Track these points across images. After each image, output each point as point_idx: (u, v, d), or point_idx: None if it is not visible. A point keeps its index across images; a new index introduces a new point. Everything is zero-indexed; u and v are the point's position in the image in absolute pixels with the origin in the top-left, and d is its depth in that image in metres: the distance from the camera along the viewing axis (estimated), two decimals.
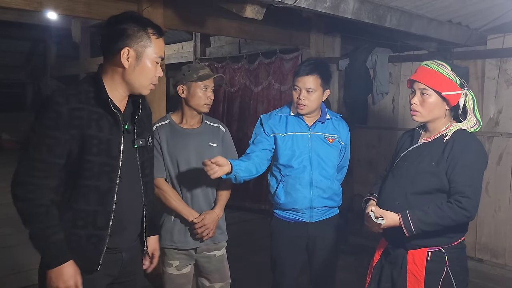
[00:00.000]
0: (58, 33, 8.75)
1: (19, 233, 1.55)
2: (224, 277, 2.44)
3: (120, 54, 1.58)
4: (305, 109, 2.36)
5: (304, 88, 2.33)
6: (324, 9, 2.58)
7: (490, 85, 3.87)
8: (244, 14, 2.54)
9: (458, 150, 1.84)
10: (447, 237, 1.89)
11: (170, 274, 2.34)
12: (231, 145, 2.45)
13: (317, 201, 2.40)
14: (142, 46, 1.60)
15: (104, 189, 1.60)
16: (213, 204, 2.36)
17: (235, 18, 3.73)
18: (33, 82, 12.04)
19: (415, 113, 1.94)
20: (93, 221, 1.59)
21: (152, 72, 1.65)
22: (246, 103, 5.76)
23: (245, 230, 2.36)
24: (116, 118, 1.62)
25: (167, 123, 2.34)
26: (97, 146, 1.57)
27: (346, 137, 2.52)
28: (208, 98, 2.31)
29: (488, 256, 3.93)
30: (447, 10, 3.22)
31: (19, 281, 3.54)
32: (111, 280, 1.72)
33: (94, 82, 1.63)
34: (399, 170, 2.01)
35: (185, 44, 6.87)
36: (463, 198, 1.77)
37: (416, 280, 1.89)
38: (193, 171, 2.28)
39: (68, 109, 1.52)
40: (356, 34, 4.61)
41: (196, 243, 2.32)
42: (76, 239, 1.58)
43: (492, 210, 3.87)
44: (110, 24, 1.62)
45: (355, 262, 3.86)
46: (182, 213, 2.27)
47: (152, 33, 1.62)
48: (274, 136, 2.43)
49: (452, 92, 1.87)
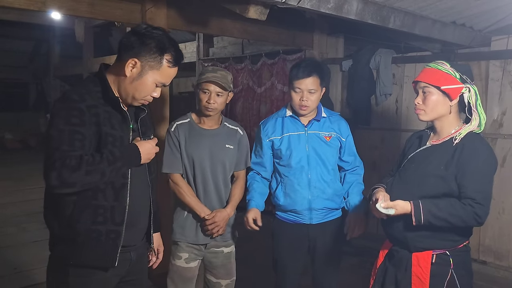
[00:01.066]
0: (62, 33, 8.78)
1: (21, 233, 1.55)
2: (230, 273, 2.49)
3: (126, 62, 1.59)
4: (307, 110, 2.38)
5: (306, 89, 2.34)
6: (327, 10, 2.57)
7: (494, 86, 3.86)
8: (248, 14, 2.54)
9: (468, 155, 1.82)
10: (452, 240, 1.88)
11: (179, 266, 2.39)
12: (247, 149, 2.51)
13: (316, 202, 2.39)
14: (151, 66, 1.61)
15: (118, 185, 1.63)
16: (226, 203, 2.41)
17: (238, 19, 3.73)
18: (36, 82, 12.08)
19: (420, 111, 1.95)
20: (112, 217, 1.62)
21: (148, 91, 1.65)
22: (249, 103, 5.76)
23: (248, 231, 2.37)
24: (124, 115, 1.65)
25: (187, 122, 2.41)
26: (112, 143, 1.60)
27: (346, 133, 2.48)
28: (207, 102, 2.31)
29: (492, 258, 3.91)
30: (451, 11, 3.21)
31: (21, 281, 3.55)
32: (119, 279, 1.75)
33: (99, 81, 1.65)
34: (406, 171, 1.99)
35: (188, 44, 6.88)
36: (476, 204, 1.76)
37: (421, 282, 1.88)
38: (206, 170, 2.35)
39: (86, 106, 1.54)
40: (359, 35, 4.60)
41: (206, 239, 2.39)
42: (96, 236, 1.60)
43: (496, 212, 3.85)
44: (138, 33, 1.61)
45: (358, 263, 3.85)
46: (194, 209, 2.33)
47: (167, 60, 1.62)
48: (271, 141, 2.46)
49: (451, 86, 1.87)
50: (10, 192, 1.41)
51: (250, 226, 2.37)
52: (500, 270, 3.85)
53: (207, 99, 2.31)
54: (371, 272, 2.16)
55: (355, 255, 3.93)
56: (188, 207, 2.36)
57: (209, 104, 2.30)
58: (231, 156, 2.40)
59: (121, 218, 1.64)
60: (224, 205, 2.40)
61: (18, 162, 8.53)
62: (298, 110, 2.39)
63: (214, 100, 2.31)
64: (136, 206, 1.70)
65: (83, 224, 1.58)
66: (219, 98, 2.33)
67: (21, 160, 8.95)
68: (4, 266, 3.83)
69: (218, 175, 2.37)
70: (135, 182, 1.68)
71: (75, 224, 1.57)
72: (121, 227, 1.64)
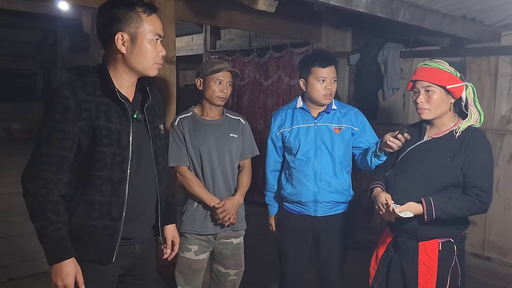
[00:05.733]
0: (69, 24, 8.77)
1: (29, 222, 1.56)
2: (239, 264, 2.51)
3: (115, 40, 1.56)
4: (331, 98, 2.42)
5: (330, 78, 2.37)
6: (337, 3, 2.56)
7: (503, 82, 3.82)
8: (257, 6, 2.52)
9: (474, 147, 1.91)
10: (456, 228, 1.98)
11: (188, 259, 2.41)
12: (251, 137, 2.56)
13: (322, 195, 2.39)
14: (134, 28, 1.56)
15: (116, 180, 1.59)
16: (234, 191, 2.44)
17: (246, 11, 3.71)
18: (44, 72, 12.13)
19: (424, 110, 1.98)
20: (108, 212, 1.59)
21: (152, 52, 1.60)
22: (256, 96, 5.75)
23: (253, 223, 2.39)
24: (124, 107, 1.60)
25: (190, 115, 2.45)
26: (108, 137, 1.56)
27: (358, 121, 2.45)
28: (221, 92, 2.38)
29: (497, 255, 3.90)
30: (461, 5, 3.18)
31: (28, 269, 3.59)
32: (123, 272, 1.72)
33: (99, 72, 1.62)
34: (409, 165, 2.02)
35: (195, 36, 6.87)
36: (482, 192, 1.86)
37: (429, 270, 1.95)
38: (214, 160, 2.38)
39: (75, 102, 1.51)
40: (367, 29, 4.57)
41: (216, 229, 2.41)
42: (91, 231, 1.58)
43: (502, 209, 3.83)
44: (101, 11, 1.60)
45: (363, 257, 3.85)
46: (204, 199, 2.36)
47: (141, 11, 1.57)
48: (281, 134, 2.49)
49: (455, 84, 1.94)
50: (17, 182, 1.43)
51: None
52: (504, 266, 3.83)
53: (221, 88, 2.38)
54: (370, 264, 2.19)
55: (359, 249, 3.93)
56: (197, 198, 2.38)
57: (223, 93, 2.38)
58: (236, 145, 2.44)
59: (118, 213, 1.60)
60: (232, 194, 2.43)
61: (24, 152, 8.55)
62: (322, 99, 2.38)
63: (227, 89, 2.40)
64: (139, 198, 1.66)
65: (78, 219, 1.56)
66: (230, 88, 2.43)
67: (28, 150, 8.89)
68: (11, 254, 3.88)
69: (226, 164, 2.40)
70: (137, 174, 1.64)
71: (70, 218, 1.56)
72: (118, 222, 1.60)
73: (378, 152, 2.18)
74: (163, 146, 1.82)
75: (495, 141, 3.86)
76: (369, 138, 2.44)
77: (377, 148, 2.18)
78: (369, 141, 2.41)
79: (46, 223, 1.49)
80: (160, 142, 1.77)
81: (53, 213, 1.50)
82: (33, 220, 1.52)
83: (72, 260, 1.54)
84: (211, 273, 2.56)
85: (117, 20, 1.55)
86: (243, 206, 2.51)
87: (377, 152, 2.18)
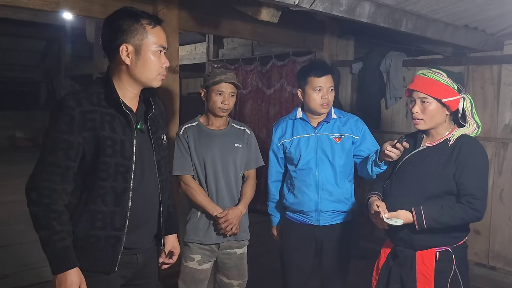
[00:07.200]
0: (73, 33, 8.85)
1: (32, 230, 1.56)
2: (242, 275, 2.51)
3: (119, 51, 1.58)
4: (328, 108, 2.42)
5: (326, 87, 2.38)
6: (340, 13, 2.57)
7: (506, 90, 3.82)
8: (260, 17, 2.54)
9: (466, 154, 1.90)
10: (454, 237, 1.95)
11: (191, 268, 2.41)
12: (256, 148, 2.56)
13: (323, 204, 2.39)
14: (139, 39, 1.58)
15: (119, 190, 1.60)
16: (237, 201, 2.44)
17: (249, 20, 3.73)
18: (47, 81, 12.19)
19: (418, 121, 1.99)
20: (111, 222, 1.60)
21: (156, 64, 1.62)
22: (258, 105, 5.76)
23: (256, 232, 2.38)
24: (128, 118, 1.61)
25: (195, 125, 2.46)
26: (112, 147, 1.57)
27: (359, 129, 2.45)
28: (222, 103, 2.38)
29: (502, 264, 3.87)
30: (464, 14, 3.19)
31: (32, 278, 3.59)
32: (125, 281, 1.73)
33: (104, 83, 1.63)
34: (404, 173, 2.04)
35: (198, 45, 6.90)
36: (475, 200, 1.84)
37: (426, 280, 1.93)
38: (218, 169, 2.40)
39: (80, 112, 1.52)
40: (370, 38, 4.59)
41: (219, 239, 2.41)
42: (94, 241, 1.59)
43: (506, 218, 3.81)
44: (107, 23, 1.62)
45: (366, 266, 3.82)
46: (207, 208, 2.36)
47: (146, 23, 1.59)
48: (282, 144, 2.50)
49: (451, 98, 1.93)
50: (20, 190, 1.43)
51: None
52: (509, 276, 3.80)
53: (222, 100, 2.37)
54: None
55: (362, 258, 3.91)
56: (201, 207, 2.38)
57: (224, 105, 2.37)
58: (241, 155, 2.44)
59: (121, 223, 1.61)
60: (236, 204, 2.43)
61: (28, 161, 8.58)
62: (319, 109, 2.40)
63: (228, 101, 2.39)
64: (142, 208, 1.67)
65: (81, 229, 1.57)
66: (232, 98, 2.42)
67: (31, 158, 8.95)
68: (14, 263, 3.87)
69: (229, 174, 2.40)
70: (140, 185, 1.65)
71: (74, 228, 1.57)
72: (121, 232, 1.61)
73: (378, 161, 2.18)
74: (166, 157, 1.83)
75: (499, 150, 3.85)
76: (369, 146, 2.44)
77: (377, 157, 2.18)
78: (370, 149, 2.41)
79: (50, 233, 1.50)
80: (163, 153, 1.79)
81: (57, 223, 1.51)
82: (37, 229, 1.52)
83: (76, 270, 1.54)
84: (214, 283, 2.55)
85: (122, 32, 1.57)
86: (247, 216, 2.51)
87: (377, 161, 2.18)
